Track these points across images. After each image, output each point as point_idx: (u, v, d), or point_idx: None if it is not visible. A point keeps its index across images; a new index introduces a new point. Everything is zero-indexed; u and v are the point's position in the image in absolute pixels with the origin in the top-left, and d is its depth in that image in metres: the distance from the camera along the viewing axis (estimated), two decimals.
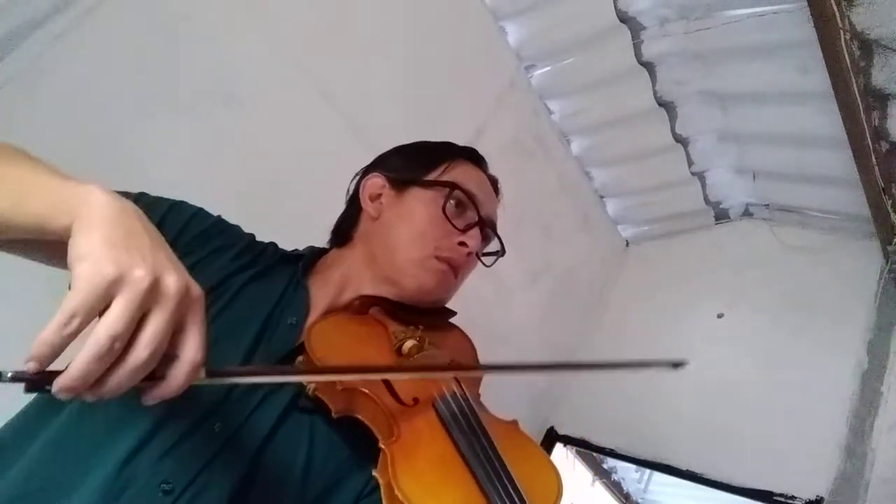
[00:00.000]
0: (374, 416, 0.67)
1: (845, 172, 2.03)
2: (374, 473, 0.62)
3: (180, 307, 0.45)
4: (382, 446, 0.63)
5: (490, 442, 0.66)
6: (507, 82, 2.27)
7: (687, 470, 2.25)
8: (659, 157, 2.51)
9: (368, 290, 0.83)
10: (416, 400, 0.70)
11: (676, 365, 0.72)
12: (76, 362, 0.41)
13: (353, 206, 0.92)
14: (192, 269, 0.76)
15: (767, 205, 2.57)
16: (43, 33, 1.25)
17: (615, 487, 3.21)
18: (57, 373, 0.42)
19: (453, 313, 0.92)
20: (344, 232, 0.92)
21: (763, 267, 2.50)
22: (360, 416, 0.67)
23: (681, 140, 2.44)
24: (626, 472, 3.24)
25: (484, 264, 0.93)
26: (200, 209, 0.83)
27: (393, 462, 0.61)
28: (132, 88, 1.37)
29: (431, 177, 0.88)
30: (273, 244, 0.90)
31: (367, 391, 0.67)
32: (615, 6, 2.06)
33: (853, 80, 1.68)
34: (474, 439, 0.66)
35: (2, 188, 0.52)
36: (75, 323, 0.41)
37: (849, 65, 1.64)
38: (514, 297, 2.41)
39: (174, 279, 0.45)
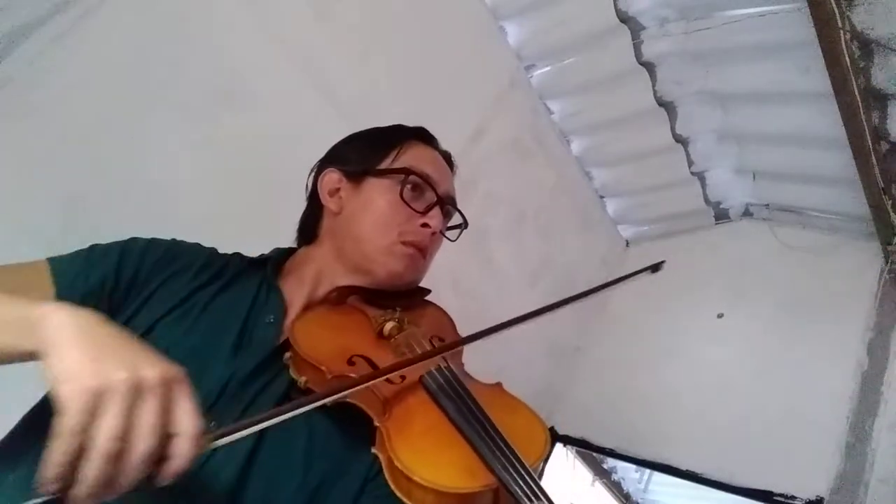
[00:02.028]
0: (366, 399, 0.69)
1: (845, 172, 2.03)
2: (374, 450, 0.65)
3: (165, 392, 0.49)
4: (377, 424, 0.66)
5: (477, 405, 0.68)
6: (507, 82, 2.27)
7: (687, 470, 2.25)
8: (659, 157, 2.51)
9: (342, 281, 0.85)
10: (402, 377, 0.73)
11: (655, 268, 0.74)
12: (86, 473, 0.45)
13: (314, 203, 0.94)
14: (154, 293, 0.78)
15: (767, 205, 2.57)
16: (43, 33, 1.25)
17: (615, 487, 3.21)
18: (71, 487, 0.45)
19: (428, 291, 0.93)
20: (309, 229, 0.94)
21: (763, 267, 2.50)
22: (352, 401, 0.69)
23: (681, 140, 2.44)
24: (626, 472, 3.24)
25: (449, 239, 0.95)
26: (152, 240, 0.85)
27: (389, 437, 0.63)
28: (132, 88, 1.37)
29: (385, 164, 0.89)
30: (238, 254, 0.91)
31: (356, 378, 0.69)
32: (615, 6, 2.05)
33: (853, 80, 1.68)
34: (462, 405, 0.68)
35: None
36: (76, 441, 0.45)
37: (849, 65, 1.64)
38: (514, 297, 2.41)
39: (151, 369, 0.49)
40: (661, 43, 2.12)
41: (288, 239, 0.99)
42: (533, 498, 0.56)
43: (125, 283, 0.78)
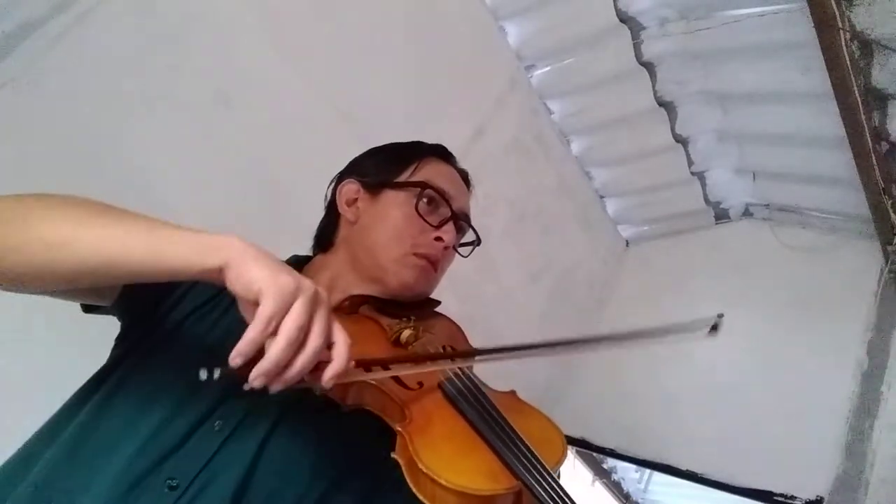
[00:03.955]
0: (384, 406, 0.70)
1: (845, 172, 2.03)
2: (394, 455, 0.65)
3: (328, 307, 0.59)
4: (399, 429, 0.66)
5: (496, 410, 0.70)
6: (507, 82, 2.27)
7: (687, 470, 2.25)
8: (659, 157, 2.51)
9: (355, 290, 0.87)
10: (420, 384, 0.74)
11: (713, 328, 0.80)
12: (272, 351, 0.54)
13: (332, 213, 0.96)
14: (187, 294, 0.80)
15: (767, 205, 2.57)
16: (43, 33, 1.25)
17: (615, 487, 3.21)
18: (251, 365, 0.54)
19: (438, 303, 0.95)
20: (325, 238, 0.95)
21: (763, 267, 2.50)
22: (369, 408, 0.70)
23: (681, 140, 2.44)
24: (626, 472, 3.25)
25: (461, 255, 0.97)
26: None
27: (411, 441, 0.64)
28: (132, 88, 1.37)
29: (403, 178, 0.92)
30: None
31: (374, 383, 0.69)
32: (615, 6, 2.05)
33: (853, 80, 1.68)
34: (481, 410, 0.70)
35: (136, 238, 0.62)
36: (273, 324, 0.54)
37: (849, 65, 1.64)
38: (515, 297, 2.41)
39: (321, 289, 0.59)
40: (661, 43, 2.12)
41: (287, 239, 0.99)
42: (557, 499, 0.58)
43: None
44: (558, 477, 0.64)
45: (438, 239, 0.88)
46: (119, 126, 1.35)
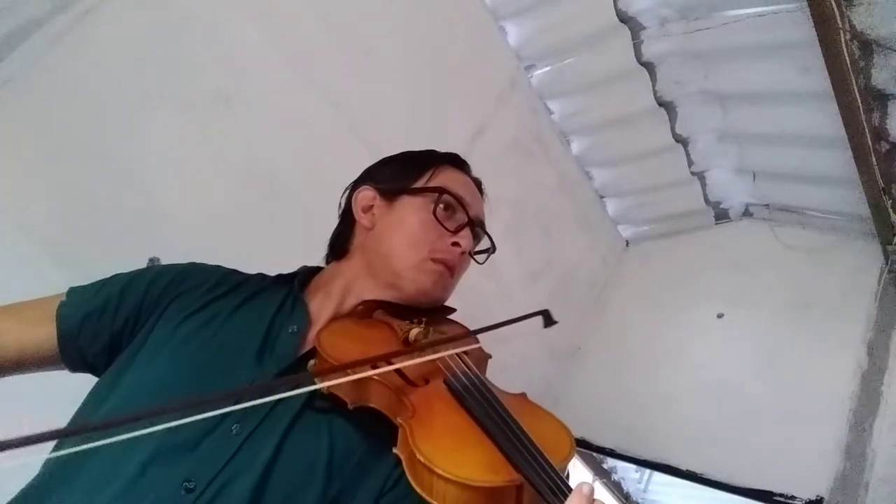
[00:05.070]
0: (388, 401, 0.69)
1: (845, 172, 2.03)
2: (395, 451, 0.65)
3: None
4: (400, 422, 0.65)
5: (503, 407, 0.68)
6: (507, 82, 2.27)
7: (687, 470, 2.25)
8: (659, 157, 2.51)
9: (370, 295, 0.87)
10: (426, 380, 0.73)
11: (548, 321, 0.80)
12: None
13: (347, 220, 0.96)
14: (167, 309, 0.81)
15: (767, 205, 2.57)
16: (43, 33, 1.25)
17: (615, 487, 3.21)
18: None
19: (452, 310, 0.95)
20: (340, 245, 0.96)
21: (763, 267, 2.50)
22: (374, 405, 0.69)
23: (681, 140, 2.44)
24: (626, 472, 3.24)
25: (477, 262, 0.97)
26: (167, 265, 0.88)
27: (412, 433, 0.63)
28: (132, 88, 1.37)
29: (419, 184, 0.92)
30: (260, 274, 0.93)
31: (377, 378, 0.69)
32: (615, 6, 2.05)
33: (853, 80, 1.67)
34: (487, 406, 0.68)
35: None
36: None
37: (849, 65, 1.64)
38: (515, 297, 2.41)
39: None
40: (661, 43, 2.12)
41: (285, 237, 0.99)
42: (559, 494, 0.56)
43: (132, 304, 0.81)
44: (567, 477, 0.62)
45: (456, 244, 0.88)
46: (119, 126, 1.35)
